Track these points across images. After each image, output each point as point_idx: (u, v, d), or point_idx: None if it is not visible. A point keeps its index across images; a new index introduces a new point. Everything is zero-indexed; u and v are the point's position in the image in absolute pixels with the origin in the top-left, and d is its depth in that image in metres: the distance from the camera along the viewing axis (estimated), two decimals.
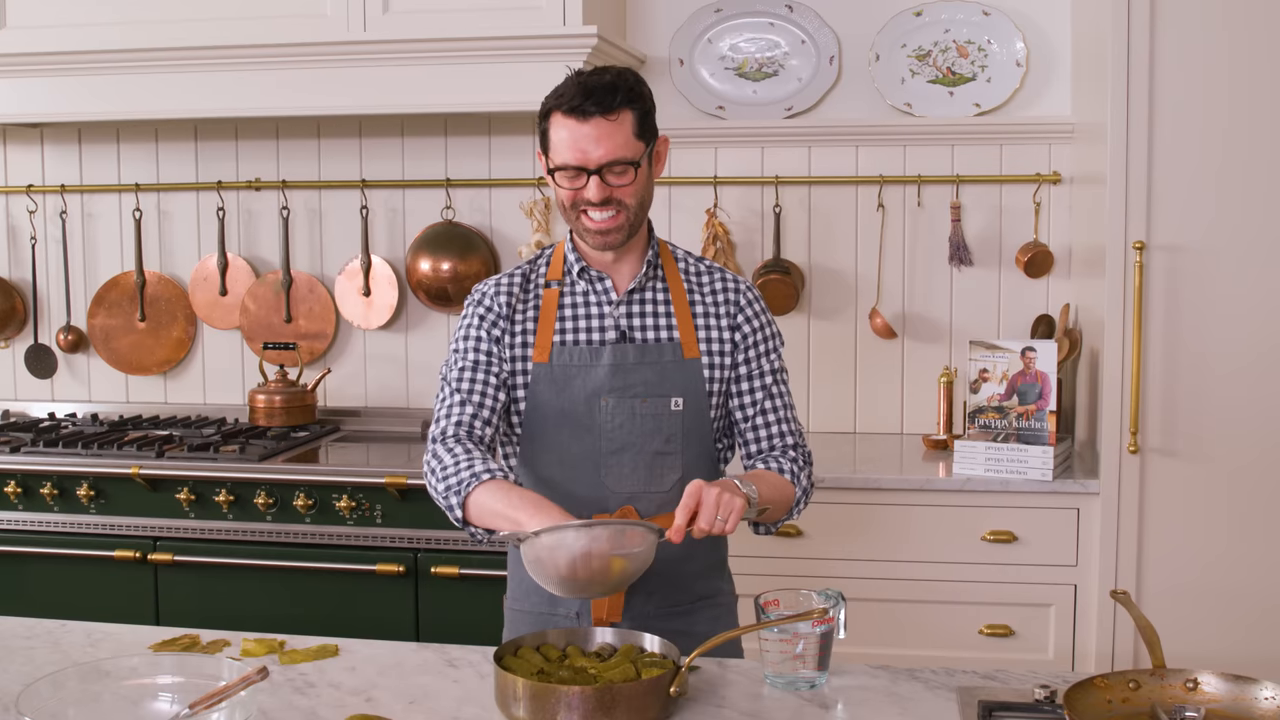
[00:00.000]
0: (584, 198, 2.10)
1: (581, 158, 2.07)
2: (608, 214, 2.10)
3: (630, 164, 2.09)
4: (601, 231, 2.12)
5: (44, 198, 4.21)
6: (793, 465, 2.23)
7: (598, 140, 2.06)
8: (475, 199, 3.99)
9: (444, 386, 2.22)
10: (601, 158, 2.07)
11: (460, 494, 2.05)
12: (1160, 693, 1.72)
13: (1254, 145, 3.05)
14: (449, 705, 1.85)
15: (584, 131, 2.06)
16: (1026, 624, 3.21)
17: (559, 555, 1.87)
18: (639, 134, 2.10)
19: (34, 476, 3.50)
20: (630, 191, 2.11)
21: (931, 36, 3.72)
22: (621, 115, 2.07)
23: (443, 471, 2.10)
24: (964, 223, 3.72)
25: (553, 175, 2.13)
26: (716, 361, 2.22)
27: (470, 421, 2.17)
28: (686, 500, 1.95)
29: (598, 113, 2.05)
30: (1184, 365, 3.10)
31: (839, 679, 1.93)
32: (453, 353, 2.24)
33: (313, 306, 4.07)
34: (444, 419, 2.19)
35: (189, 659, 1.82)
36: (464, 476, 2.06)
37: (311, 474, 3.39)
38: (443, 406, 2.20)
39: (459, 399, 2.18)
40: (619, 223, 2.12)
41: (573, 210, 2.13)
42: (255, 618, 3.31)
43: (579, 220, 2.13)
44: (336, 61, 3.49)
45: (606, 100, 2.06)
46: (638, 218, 2.15)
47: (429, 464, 2.15)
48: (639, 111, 2.10)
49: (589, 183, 2.08)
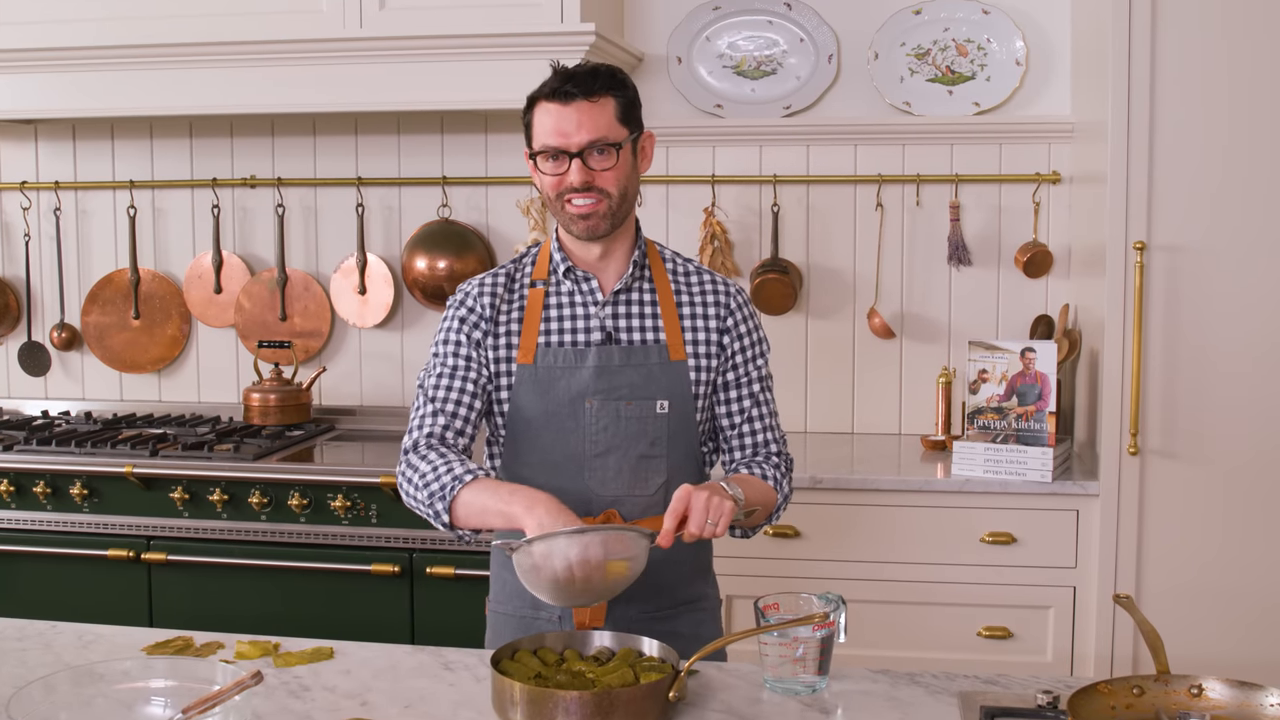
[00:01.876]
0: (567, 183, 2.08)
1: (563, 140, 2.07)
2: (589, 199, 2.09)
3: (612, 145, 2.08)
4: (584, 216, 2.11)
5: (38, 194, 4.19)
6: (775, 472, 2.22)
7: (579, 123, 2.06)
8: (472, 197, 3.97)
9: (419, 395, 2.21)
10: (583, 139, 2.06)
11: (445, 498, 2.03)
12: (1164, 699, 1.71)
13: (1255, 145, 3.04)
14: (445, 709, 1.83)
15: (565, 114, 2.06)
16: (1025, 626, 3.20)
17: (552, 563, 1.85)
18: (622, 120, 2.10)
19: (27, 475, 3.48)
20: (612, 178, 2.09)
21: (931, 35, 3.71)
22: (603, 100, 2.08)
23: (421, 480, 2.08)
24: (963, 222, 3.71)
25: (535, 163, 2.12)
26: (703, 364, 2.20)
27: (442, 433, 2.16)
28: (675, 505, 1.93)
29: (580, 95, 2.06)
30: (1185, 366, 3.09)
31: (839, 683, 1.92)
32: (432, 357, 2.22)
33: (308, 304, 4.05)
34: (416, 430, 2.18)
35: (182, 662, 1.81)
36: (446, 480, 2.04)
37: (306, 473, 3.37)
38: (416, 417, 2.19)
39: (432, 409, 2.17)
40: (601, 209, 2.10)
41: (557, 200, 2.12)
42: (249, 617, 3.30)
43: (563, 209, 2.12)
44: (332, 58, 3.47)
45: (588, 84, 2.07)
46: (621, 207, 2.13)
47: (404, 474, 2.13)
48: (621, 99, 2.10)
49: (571, 166, 2.07)
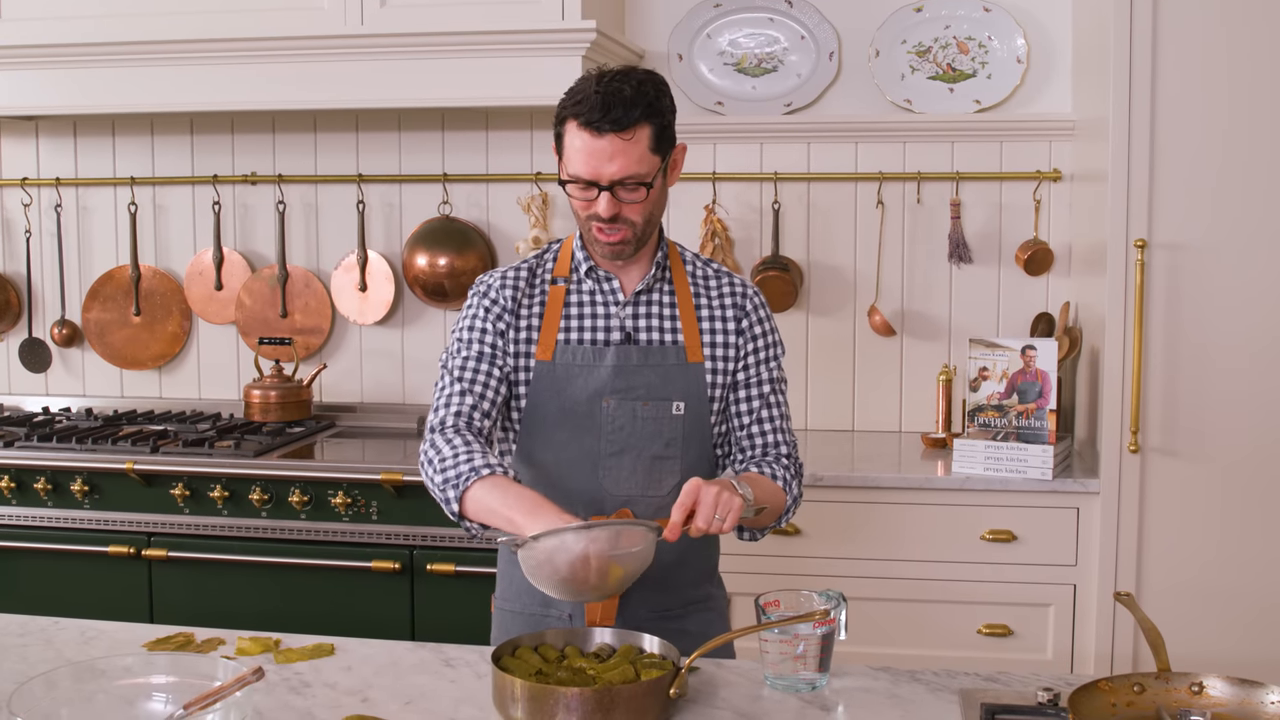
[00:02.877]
0: (594, 210, 2.08)
1: (594, 173, 2.04)
2: (615, 231, 2.09)
3: (643, 183, 2.06)
4: (610, 243, 2.11)
5: (39, 191, 4.19)
6: (785, 473, 2.21)
7: (611, 157, 2.03)
8: (472, 194, 3.97)
9: (444, 375, 2.18)
10: (614, 174, 2.04)
11: (459, 488, 2.02)
12: (1165, 696, 1.71)
13: (1256, 143, 3.03)
14: (446, 706, 1.83)
15: (598, 147, 2.03)
16: (1025, 624, 3.20)
17: (558, 559, 1.85)
18: (655, 148, 2.06)
19: (27, 471, 3.48)
20: (639, 210, 2.08)
21: (932, 32, 3.71)
22: (638, 132, 2.03)
23: (440, 464, 2.06)
24: (964, 220, 3.71)
25: (564, 184, 2.11)
26: (720, 367, 2.20)
27: (470, 413, 2.14)
28: (683, 498, 1.92)
29: (612, 130, 2.02)
30: (1185, 364, 3.09)
31: (839, 680, 1.92)
32: (455, 341, 2.20)
33: (309, 301, 4.05)
34: (443, 408, 2.15)
35: (183, 658, 1.81)
36: (463, 470, 2.02)
37: (307, 470, 3.37)
38: (442, 395, 2.17)
39: (459, 389, 2.15)
40: (625, 237, 2.10)
41: (585, 220, 2.11)
42: (249, 614, 3.30)
43: (590, 230, 2.12)
44: (333, 55, 3.47)
45: (623, 117, 2.01)
46: (645, 233, 2.13)
47: (426, 454, 2.11)
48: (657, 125, 2.06)
49: (600, 197, 2.06)
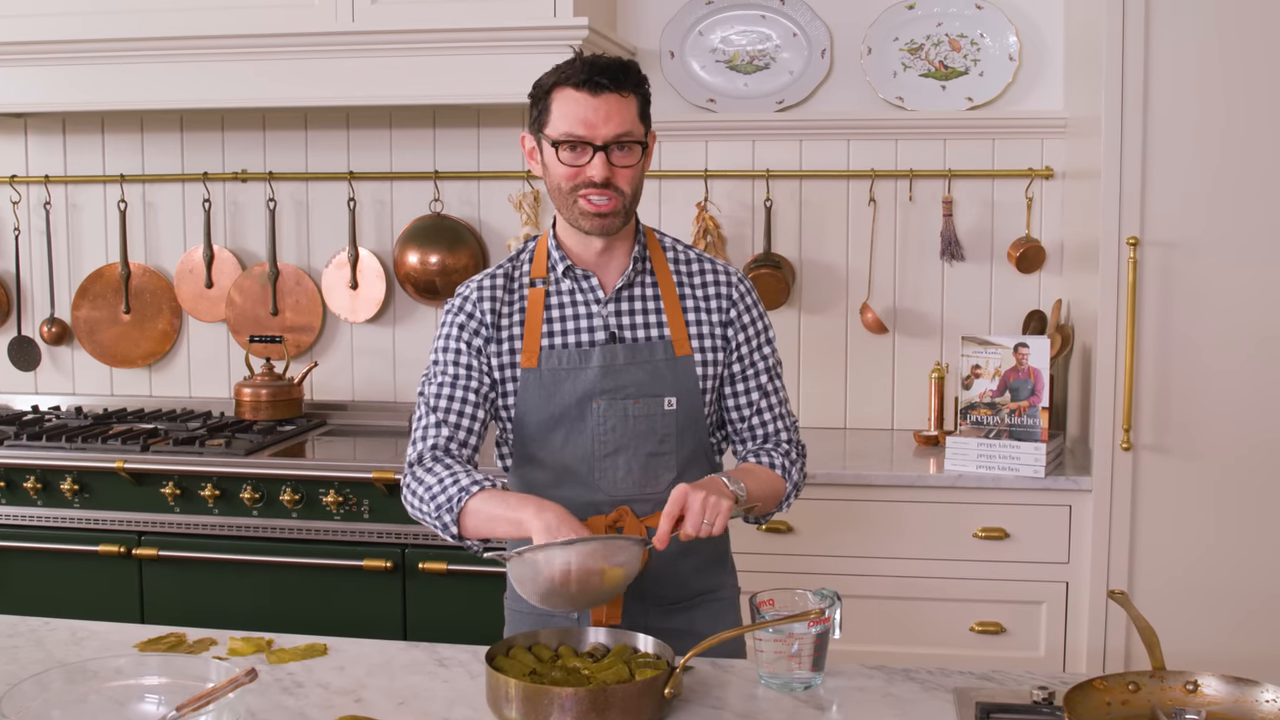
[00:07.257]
0: (586, 176, 2.04)
1: (590, 131, 2.02)
2: (605, 198, 2.05)
3: (638, 142, 2.06)
4: (600, 214, 2.06)
5: (28, 188, 4.17)
6: (784, 460, 2.20)
7: (608, 115, 2.02)
8: (464, 191, 3.96)
9: (421, 404, 2.17)
10: (610, 133, 2.02)
11: (454, 510, 2.01)
12: (1160, 695, 1.71)
13: (1249, 140, 3.04)
14: (439, 706, 1.83)
15: (594, 105, 2.01)
16: (1018, 621, 3.20)
17: (543, 573, 1.85)
18: (641, 118, 2.09)
19: (17, 470, 3.47)
20: (629, 176, 2.06)
21: (924, 30, 3.70)
22: (630, 96, 2.05)
23: (427, 493, 2.05)
24: (956, 217, 3.71)
25: (545, 151, 2.07)
26: (709, 358, 2.18)
27: (446, 444, 2.13)
28: (670, 506, 1.92)
29: (611, 88, 2.02)
30: (1177, 361, 3.10)
31: (834, 679, 1.92)
32: (431, 364, 2.19)
33: (299, 299, 4.04)
34: (420, 442, 2.14)
35: (175, 659, 1.79)
36: (452, 492, 2.02)
37: (298, 468, 3.36)
38: (418, 429, 2.15)
39: (434, 419, 2.14)
40: (615, 207, 2.07)
41: (570, 193, 2.06)
42: (241, 613, 3.29)
43: (576, 204, 2.07)
44: (324, 52, 3.46)
45: (619, 78, 2.03)
46: (632, 206, 2.11)
47: (409, 488, 2.10)
48: (642, 98, 2.09)
49: (593, 159, 2.03)
